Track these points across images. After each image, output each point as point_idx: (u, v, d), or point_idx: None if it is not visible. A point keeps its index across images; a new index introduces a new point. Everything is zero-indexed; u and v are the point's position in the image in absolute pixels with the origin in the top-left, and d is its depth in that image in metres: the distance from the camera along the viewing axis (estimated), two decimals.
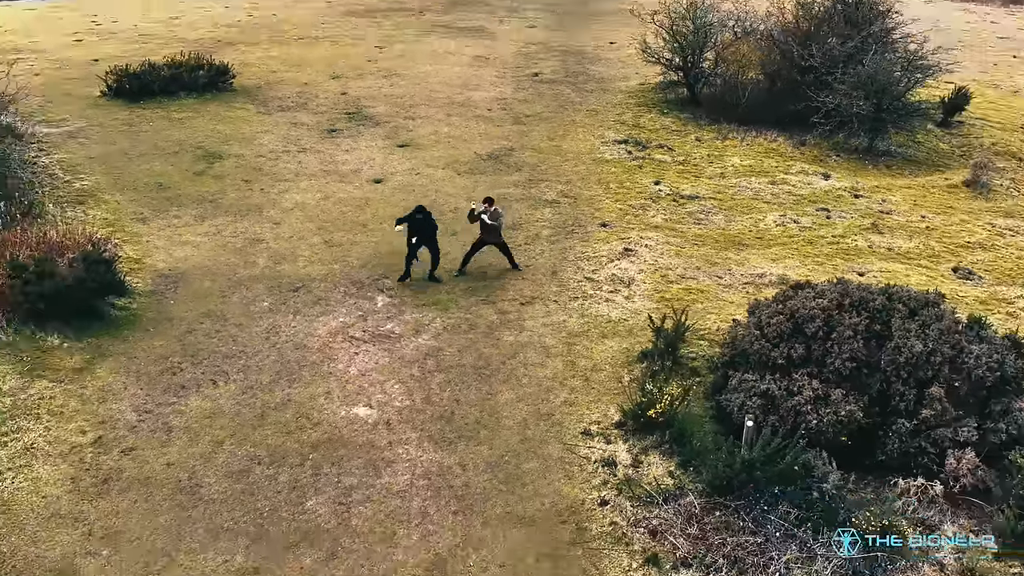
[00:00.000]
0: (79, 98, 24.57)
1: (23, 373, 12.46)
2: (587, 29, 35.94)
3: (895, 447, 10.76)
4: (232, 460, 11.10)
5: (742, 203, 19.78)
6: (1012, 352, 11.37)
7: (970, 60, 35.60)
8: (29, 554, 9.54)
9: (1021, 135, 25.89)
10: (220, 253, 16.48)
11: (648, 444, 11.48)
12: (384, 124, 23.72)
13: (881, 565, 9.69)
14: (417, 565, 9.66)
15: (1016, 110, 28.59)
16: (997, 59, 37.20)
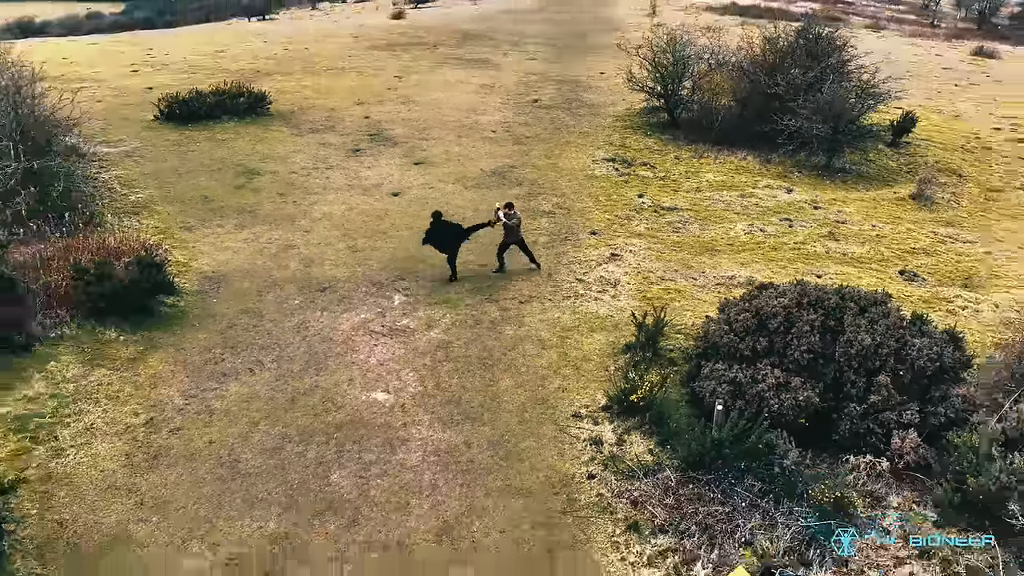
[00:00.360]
0: (135, 122, 24.24)
1: (84, 362, 12.40)
2: (581, 61, 35.44)
3: (847, 428, 10.66)
4: (266, 439, 11.06)
5: (715, 214, 19.47)
6: (950, 345, 11.25)
7: (917, 88, 35.07)
8: (88, 521, 9.52)
9: (961, 154, 25.44)
10: (257, 257, 16.26)
11: (630, 425, 11.38)
12: (402, 144, 23.38)
13: (839, 529, 9.69)
14: (428, 531, 9.62)
15: (957, 132, 28.18)
16: (941, 88, 36.56)
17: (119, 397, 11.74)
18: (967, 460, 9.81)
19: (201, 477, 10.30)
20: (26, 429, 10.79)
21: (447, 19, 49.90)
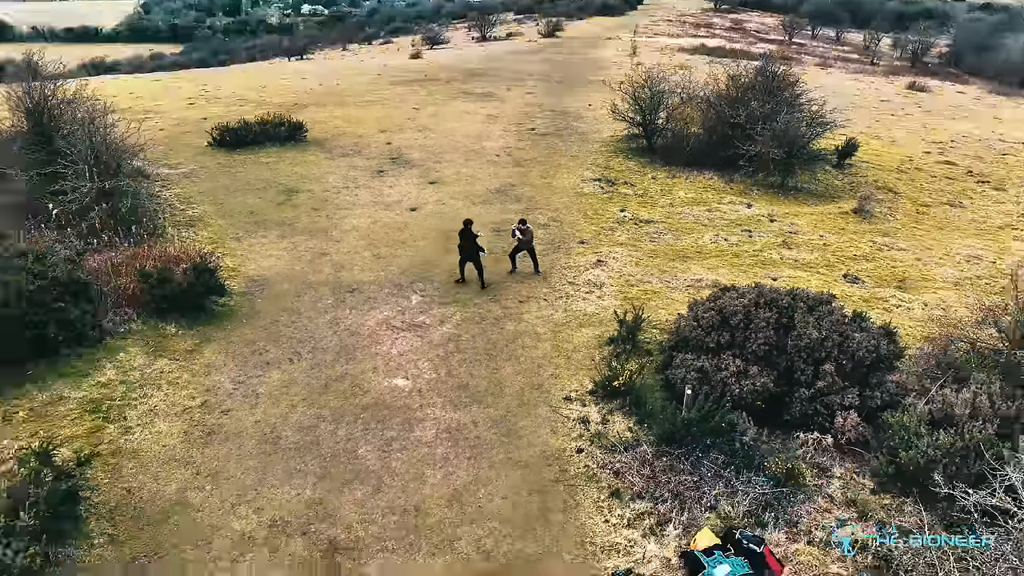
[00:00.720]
0: (191, 147, 24.04)
1: (148, 354, 12.39)
2: (572, 95, 35.03)
3: (797, 410, 10.66)
4: (303, 418, 11.07)
5: (686, 226, 19.26)
6: (885, 339, 11.24)
7: (859, 118, 34.71)
8: (152, 488, 9.55)
9: (896, 175, 25.19)
10: (295, 263, 16.14)
11: (613, 407, 11.35)
12: (419, 166, 23.11)
13: (788, 497, 9.70)
14: (441, 497, 9.65)
15: (893, 156, 27.96)
16: (879, 117, 36.22)
17: (178, 383, 11.76)
18: (899, 437, 9.83)
19: (248, 451, 10.34)
20: (100, 410, 10.83)
21: (458, 59, 49.56)
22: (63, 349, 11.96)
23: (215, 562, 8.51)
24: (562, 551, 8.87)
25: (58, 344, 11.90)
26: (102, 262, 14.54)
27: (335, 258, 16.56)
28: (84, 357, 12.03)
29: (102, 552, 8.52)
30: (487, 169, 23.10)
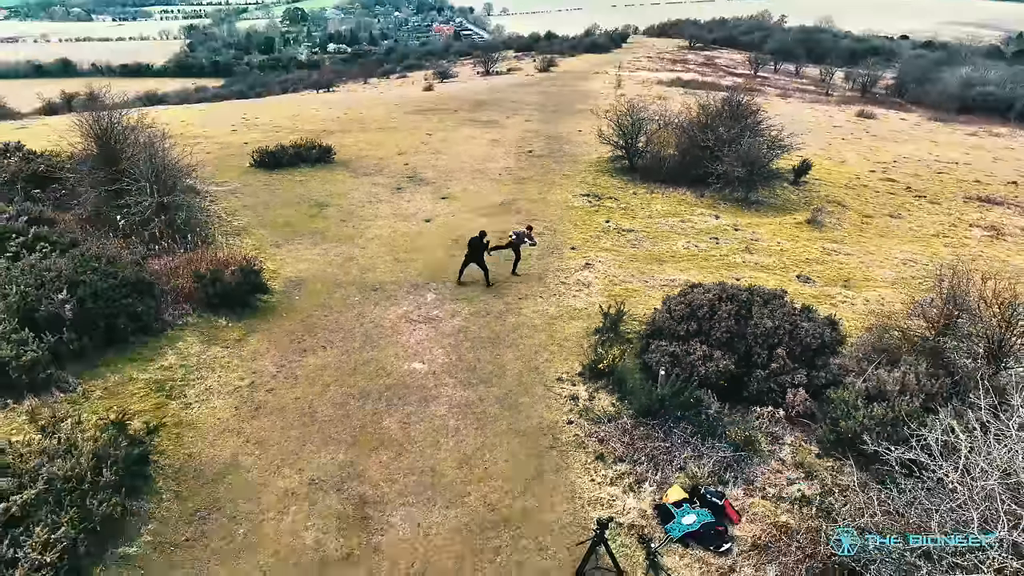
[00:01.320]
0: (235, 168, 24.36)
1: (203, 342, 12.78)
2: (564, 122, 35.44)
3: (754, 388, 11.05)
4: (336, 396, 11.45)
5: (662, 234, 19.59)
6: (829, 327, 11.66)
7: (813, 142, 35.06)
8: (209, 453, 9.96)
9: (845, 190, 25.62)
10: (326, 267, 16.49)
11: (599, 386, 11.72)
12: (432, 184, 23.46)
13: (746, 460, 10.11)
14: (453, 460, 10.04)
15: (842, 174, 28.38)
16: (832, 141, 36.68)
17: (229, 367, 12.15)
18: (840, 410, 10.25)
19: (289, 423, 10.74)
20: (163, 389, 11.25)
21: (465, 91, 50.06)
22: (131, 338, 12.38)
23: (264, 513, 8.93)
24: (555, 504, 9.28)
25: (127, 334, 12.32)
26: (162, 265, 14.93)
27: (360, 262, 16.92)
28: (149, 345, 12.44)
29: (169, 506, 8.94)
30: (491, 186, 23.43)
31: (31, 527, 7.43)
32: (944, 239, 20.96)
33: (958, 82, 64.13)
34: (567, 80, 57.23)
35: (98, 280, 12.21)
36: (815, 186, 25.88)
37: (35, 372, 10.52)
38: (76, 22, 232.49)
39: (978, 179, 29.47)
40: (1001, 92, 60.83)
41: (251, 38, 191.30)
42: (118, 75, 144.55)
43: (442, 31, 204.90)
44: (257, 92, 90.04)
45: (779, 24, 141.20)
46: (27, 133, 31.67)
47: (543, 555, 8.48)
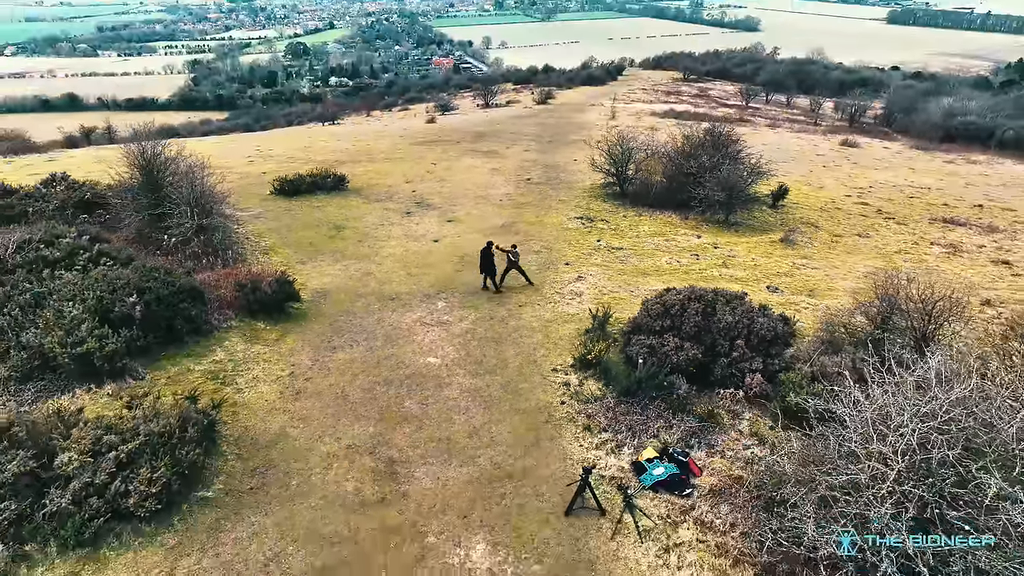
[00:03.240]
0: (257, 195, 26.64)
1: (246, 341, 14.95)
2: (560, 152, 37.69)
3: (718, 373, 13.14)
4: (364, 383, 13.59)
5: (648, 251, 21.75)
6: (782, 322, 13.88)
7: (796, 169, 37.72)
8: (261, 427, 12.06)
9: (819, 213, 27.99)
10: (348, 280, 18.68)
11: (587, 374, 13.81)
12: (438, 208, 25.63)
13: (709, 430, 12.23)
14: (464, 432, 12.11)
15: (819, 198, 30.77)
16: (813, 168, 38.96)
17: (270, 361, 14.33)
18: (788, 388, 12.41)
19: (326, 404, 12.88)
20: (217, 378, 13.42)
21: (466, 123, 52.81)
22: (186, 337, 14.61)
23: (311, 470, 11.05)
24: (549, 463, 11.39)
25: (183, 333, 14.56)
26: (205, 278, 17.20)
27: (377, 276, 19.16)
28: (200, 343, 14.65)
29: (233, 464, 11.06)
30: (493, 210, 25.74)
31: (136, 469, 9.57)
32: (905, 255, 23.30)
33: (941, 112, 67.34)
34: (564, 112, 60.17)
35: (159, 287, 14.51)
36: (792, 209, 28.29)
37: (114, 361, 12.74)
38: (82, 58, 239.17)
39: (946, 203, 31.98)
40: (981, 121, 64.00)
41: (254, 72, 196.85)
42: (123, 109, 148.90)
43: (442, 64, 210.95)
44: (263, 125, 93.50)
45: (771, 56, 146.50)
46: (58, 165, 34.31)
47: (539, 499, 10.57)
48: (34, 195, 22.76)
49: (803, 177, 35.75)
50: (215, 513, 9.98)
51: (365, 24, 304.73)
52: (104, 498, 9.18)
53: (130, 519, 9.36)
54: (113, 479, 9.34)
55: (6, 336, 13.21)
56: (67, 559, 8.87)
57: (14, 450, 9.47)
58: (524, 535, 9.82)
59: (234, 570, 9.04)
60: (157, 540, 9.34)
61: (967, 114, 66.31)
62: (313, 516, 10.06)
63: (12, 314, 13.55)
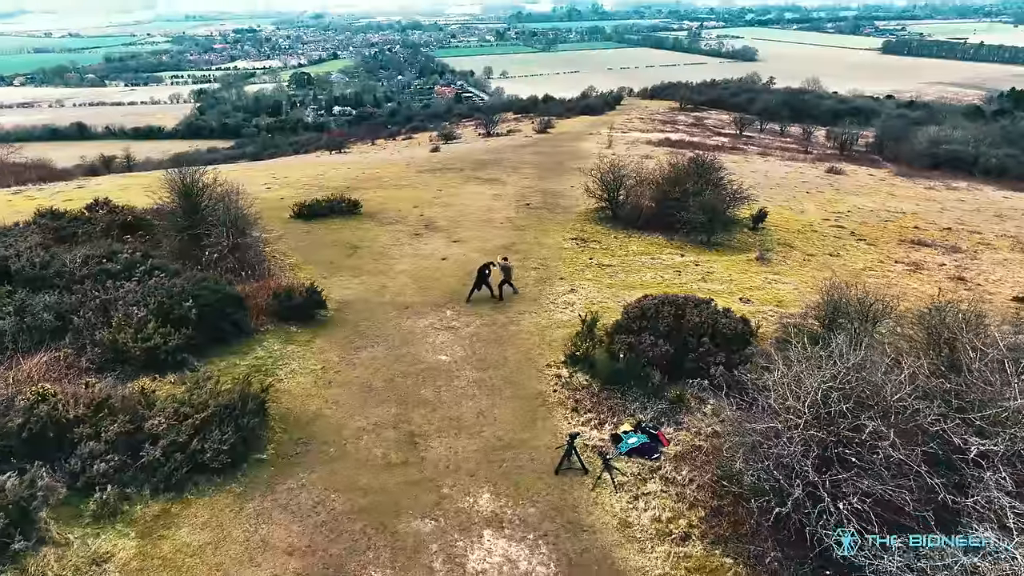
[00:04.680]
0: (278, 219, 29.06)
1: (282, 343, 17.46)
2: (558, 179, 40.35)
3: (687, 365, 15.60)
4: (385, 375, 16.05)
5: (635, 268, 24.26)
6: (742, 323, 16.43)
7: (780, 195, 40.50)
8: (301, 408, 14.50)
9: (796, 235, 30.60)
10: (366, 292, 21.21)
11: (576, 368, 16.21)
12: (444, 230, 28.19)
13: (678, 411, 14.68)
14: (472, 413, 14.54)
15: (798, 222, 33.50)
16: (796, 194, 41.71)
17: (304, 357, 16.85)
18: (744, 376, 14.87)
19: (354, 393, 15.36)
20: (261, 370, 15.93)
21: (469, 152, 55.97)
22: (231, 339, 17.19)
23: (345, 440, 13.51)
24: (542, 436, 13.83)
25: (228, 335, 17.15)
26: (241, 289, 19.79)
27: (392, 289, 21.75)
28: (243, 344, 17.21)
29: (280, 435, 13.54)
30: (495, 232, 28.38)
31: (208, 433, 12.06)
32: (870, 272, 25.94)
33: (927, 140, 70.59)
34: (562, 141, 63.28)
35: (208, 295, 17.13)
36: (771, 231, 31.01)
37: (175, 355, 15.33)
38: (90, 87, 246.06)
39: (917, 226, 34.78)
40: (965, 150, 67.20)
41: (259, 101, 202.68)
42: (131, 138, 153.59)
43: (444, 94, 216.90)
44: (270, 153, 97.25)
45: (767, 86, 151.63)
46: (87, 192, 37.27)
47: (533, 463, 13.00)
48: (80, 218, 25.61)
49: (786, 202, 38.57)
50: (270, 471, 12.44)
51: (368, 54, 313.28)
52: (185, 454, 11.66)
53: (205, 471, 11.82)
54: (192, 440, 11.83)
55: (82, 334, 15.81)
56: (159, 500, 11.32)
57: (113, 416, 11.98)
58: (521, 488, 12.25)
59: (289, 510, 11.47)
60: (226, 488, 11.81)
61: (952, 142, 69.59)
62: (349, 473, 12.50)
63: (86, 317, 16.17)
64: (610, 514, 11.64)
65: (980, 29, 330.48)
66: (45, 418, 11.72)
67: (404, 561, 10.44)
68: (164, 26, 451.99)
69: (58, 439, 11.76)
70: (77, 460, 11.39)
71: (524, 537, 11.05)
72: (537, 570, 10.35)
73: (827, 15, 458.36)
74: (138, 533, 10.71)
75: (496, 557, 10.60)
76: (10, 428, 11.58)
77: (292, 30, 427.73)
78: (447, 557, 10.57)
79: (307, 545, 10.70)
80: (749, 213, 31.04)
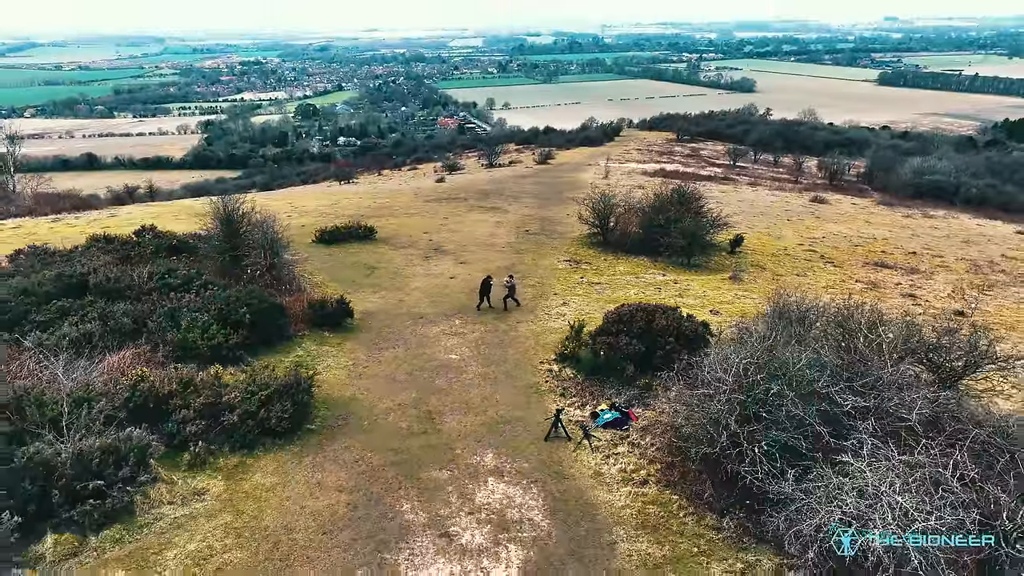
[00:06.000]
0: (301, 244, 32.75)
1: (317, 344, 21.10)
2: (556, 208, 44.19)
3: (657, 361, 19.14)
4: (405, 370, 19.63)
5: (621, 285, 27.91)
6: (702, 326, 20.02)
7: (762, 222, 44.36)
8: (338, 394, 18.04)
9: (770, 258, 34.29)
10: (385, 305, 24.87)
11: (565, 364, 19.75)
12: (452, 254, 31.93)
13: (647, 396, 18.15)
14: (478, 398, 18.04)
15: (774, 246, 37.24)
16: (777, 221, 45.50)
17: (337, 356, 20.46)
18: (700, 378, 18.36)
19: (380, 382, 18.91)
20: (302, 365, 19.41)
21: (472, 182, 60.10)
22: (275, 342, 20.80)
23: (376, 417, 17.02)
24: (535, 415, 17.30)
25: (273, 338, 20.76)
26: (280, 301, 23.48)
27: (408, 302, 25.45)
28: (285, 345, 20.84)
29: (324, 412, 17.05)
30: (497, 255, 32.17)
31: (271, 405, 15.59)
32: (831, 289, 29.53)
33: (911, 171, 74.66)
34: (562, 171, 67.70)
35: (257, 304, 20.80)
36: (747, 255, 34.73)
37: (234, 351, 18.94)
38: (99, 119, 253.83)
39: (885, 250, 38.48)
40: (946, 180, 71.20)
41: (265, 132, 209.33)
42: (140, 168, 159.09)
43: (447, 124, 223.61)
44: (279, 183, 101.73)
45: (763, 118, 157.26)
46: (121, 220, 41.21)
47: (528, 433, 16.46)
48: (131, 242, 29.47)
49: (766, 229, 42.38)
50: (319, 437, 15.94)
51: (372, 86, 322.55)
52: (256, 420, 15.19)
53: (271, 434, 15.34)
54: (260, 409, 15.37)
55: (155, 335, 19.45)
56: (236, 455, 14.82)
57: (197, 392, 15.55)
58: (517, 450, 15.71)
59: (337, 463, 14.94)
60: (287, 448, 15.30)
61: (934, 173, 73.63)
62: (381, 439, 15.99)
63: (158, 321, 19.83)
64: (587, 467, 15.08)
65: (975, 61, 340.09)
66: (146, 392, 15.31)
67: (428, 497, 13.87)
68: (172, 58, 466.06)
69: (156, 409, 15.31)
70: (173, 424, 14.92)
71: (519, 482, 14.48)
72: (529, 503, 13.76)
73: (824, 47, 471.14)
74: (223, 476, 14.20)
75: (498, 495, 14.03)
76: (118, 400, 15.14)
77: (297, 62, 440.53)
78: (460, 494, 14.00)
79: (353, 486, 14.16)
80: (727, 238, 34.72)
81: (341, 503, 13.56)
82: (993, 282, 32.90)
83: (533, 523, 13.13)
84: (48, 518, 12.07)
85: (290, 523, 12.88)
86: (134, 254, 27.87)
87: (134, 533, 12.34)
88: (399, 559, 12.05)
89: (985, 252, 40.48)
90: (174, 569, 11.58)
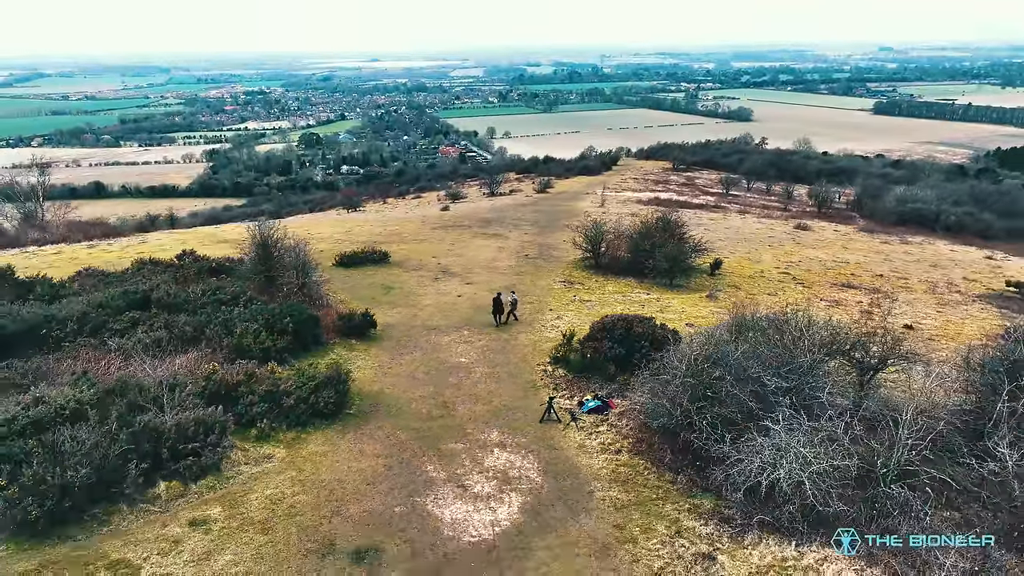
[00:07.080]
0: (322, 266, 35.95)
1: (347, 350, 25.20)
2: (553, 235, 48.18)
3: (635, 362, 23.15)
4: (423, 370, 23.67)
5: (608, 303, 31.87)
6: (672, 333, 24.06)
7: (743, 248, 48.39)
8: (368, 387, 22.05)
9: (747, 280, 38.32)
10: (402, 319, 29.00)
11: (558, 366, 23.82)
12: (458, 275, 36.00)
13: (626, 389, 22.12)
14: (485, 391, 22.06)
15: (752, 269, 41.29)
16: (759, 247, 49.43)
17: (365, 359, 24.51)
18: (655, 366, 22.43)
19: (403, 380, 22.91)
20: (335, 366, 23.50)
21: (474, 210, 64.34)
22: (311, 347, 24.86)
23: (402, 405, 21.01)
24: (532, 404, 21.28)
25: (310, 344, 24.84)
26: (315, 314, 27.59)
27: (422, 316, 29.57)
28: (319, 351, 24.91)
29: (358, 402, 21.05)
30: (499, 276, 36.30)
31: (319, 392, 19.60)
32: (796, 306, 33.55)
33: (894, 199, 79.02)
34: (560, 200, 71.93)
35: (297, 315, 24.93)
36: (726, 277, 38.87)
37: (280, 354, 23.01)
38: (105, 148, 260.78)
39: (854, 272, 42.62)
40: (928, 208, 75.56)
41: (270, 160, 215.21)
42: (146, 196, 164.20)
43: (448, 153, 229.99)
44: (288, 211, 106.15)
45: (758, 147, 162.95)
46: (152, 246, 45.46)
47: (526, 417, 20.44)
48: (174, 265, 33.72)
49: (747, 253, 46.50)
50: (356, 419, 19.93)
51: (375, 115, 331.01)
52: (308, 404, 19.21)
53: (320, 415, 19.34)
54: (310, 395, 19.38)
55: (212, 341, 23.53)
56: (292, 431, 18.80)
57: (258, 382, 19.59)
58: (517, 429, 19.67)
59: (373, 438, 18.90)
60: (332, 427, 19.29)
61: (917, 201, 78.01)
62: (407, 421, 19.97)
63: (214, 329, 23.94)
64: (573, 442, 19.03)
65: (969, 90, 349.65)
66: (219, 381, 19.35)
67: (447, 461, 17.81)
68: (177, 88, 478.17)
69: (227, 395, 19.33)
70: (242, 406, 18.93)
71: (519, 452, 18.42)
72: (526, 466, 17.70)
73: (820, 77, 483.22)
74: (284, 446, 18.18)
75: (502, 460, 17.96)
76: (197, 388, 19.16)
77: (301, 92, 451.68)
78: (472, 460, 17.94)
79: (387, 453, 18.12)
80: (708, 261, 38.92)
81: (379, 464, 17.51)
82: (947, 300, 36.98)
83: (529, 479, 17.06)
84: (159, 470, 16.02)
85: (341, 477, 16.83)
86: (179, 275, 32.09)
87: (223, 483, 16.29)
88: (426, 502, 15.97)
89: (948, 275, 44.57)
90: (257, 506, 15.50)
